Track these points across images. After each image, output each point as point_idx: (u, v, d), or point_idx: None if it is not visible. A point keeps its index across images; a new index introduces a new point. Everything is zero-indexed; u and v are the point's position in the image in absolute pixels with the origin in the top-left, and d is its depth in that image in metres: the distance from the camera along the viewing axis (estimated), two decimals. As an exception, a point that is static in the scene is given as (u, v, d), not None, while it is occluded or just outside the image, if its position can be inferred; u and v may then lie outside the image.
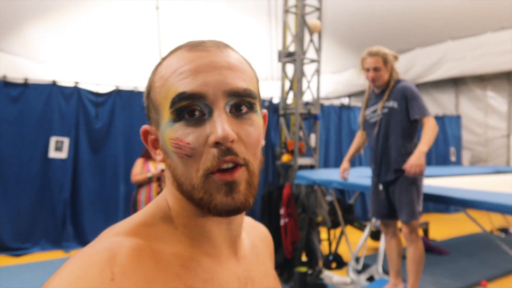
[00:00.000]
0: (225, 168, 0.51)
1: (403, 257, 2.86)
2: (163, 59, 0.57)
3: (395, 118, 2.59)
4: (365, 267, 3.98)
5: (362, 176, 3.63)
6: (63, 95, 4.93)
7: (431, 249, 4.58)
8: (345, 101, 9.57)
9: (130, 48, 6.78)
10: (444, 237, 5.36)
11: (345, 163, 3.02)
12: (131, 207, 4.45)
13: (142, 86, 5.49)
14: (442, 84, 7.94)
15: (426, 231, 5.24)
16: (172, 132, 0.52)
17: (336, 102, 7.13)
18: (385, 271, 3.60)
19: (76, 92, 4.99)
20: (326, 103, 6.75)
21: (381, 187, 2.69)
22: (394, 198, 2.61)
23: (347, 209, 4.81)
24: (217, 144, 0.50)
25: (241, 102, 0.53)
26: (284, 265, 3.90)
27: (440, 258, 4.35)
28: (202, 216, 0.55)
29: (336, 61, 9.01)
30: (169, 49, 0.59)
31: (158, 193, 4.45)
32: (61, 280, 0.43)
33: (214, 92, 0.51)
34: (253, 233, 0.70)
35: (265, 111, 0.62)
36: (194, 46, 0.55)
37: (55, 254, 4.66)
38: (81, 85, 5.06)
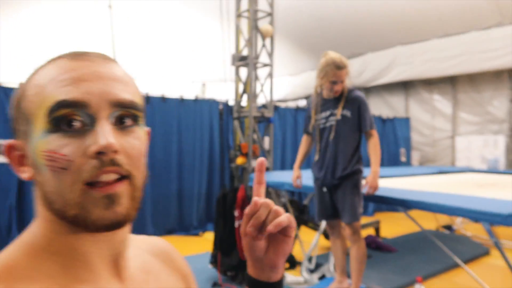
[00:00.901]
0: (105, 181, 0.48)
1: (348, 256, 2.97)
2: (39, 68, 0.52)
3: (347, 126, 2.68)
4: (318, 266, 4.09)
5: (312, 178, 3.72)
6: (6, 96, 4.70)
7: (381, 247, 4.77)
8: (303, 102, 9.75)
9: (82, 47, 6.56)
10: (394, 235, 5.59)
11: (296, 171, 3.05)
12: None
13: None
14: (392, 87, 8.28)
15: (377, 230, 5.44)
16: (45, 143, 0.47)
17: (292, 105, 7.25)
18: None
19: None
20: (282, 105, 6.85)
21: (325, 189, 2.78)
22: (337, 201, 2.71)
23: (302, 209, 4.91)
24: (99, 154, 0.47)
25: (126, 114, 0.51)
26: (238, 267, 3.92)
27: (389, 255, 4.53)
28: (77, 238, 0.51)
29: (293, 63, 9.17)
30: (122, 48, 0.54)
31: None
32: None
33: (98, 102, 0.48)
34: (145, 250, 0.66)
35: (148, 128, 0.59)
36: (77, 55, 0.52)
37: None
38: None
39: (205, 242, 5.17)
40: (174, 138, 5.92)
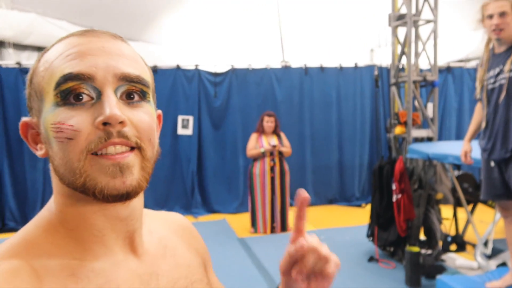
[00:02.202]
0: (113, 153, 0.47)
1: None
2: (50, 46, 0.53)
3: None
4: (497, 251, 3.51)
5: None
6: (186, 78, 5.41)
7: None
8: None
9: (245, 28, 7.00)
10: None
11: (466, 145, 2.63)
12: (248, 180, 4.73)
13: (255, 64, 5.67)
14: None
15: None
16: (54, 116, 0.48)
17: (472, 64, 6.24)
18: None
19: (197, 74, 5.44)
20: (457, 65, 5.96)
21: (492, 164, 2.31)
22: (510, 178, 2.22)
23: (479, 185, 4.25)
24: (105, 125, 0.46)
25: (133, 89, 0.50)
26: (397, 243, 3.69)
27: None
28: (93, 213, 0.51)
29: (477, 15, 7.80)
30: (289, 28, 0.51)
31: (271, 167, 4.61)
32: None
33: (104, 75, 0.48)
34: (162, 226, 0.65)
35: (159, 111, 0.58)
36: (85, 32, 0.52)
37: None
38: (201, 67, 5.48)
39: (367, 213, 5.00)
40: (333, 108, 5.85)
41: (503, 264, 3.28)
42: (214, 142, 5.58)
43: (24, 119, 0.53)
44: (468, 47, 8.62)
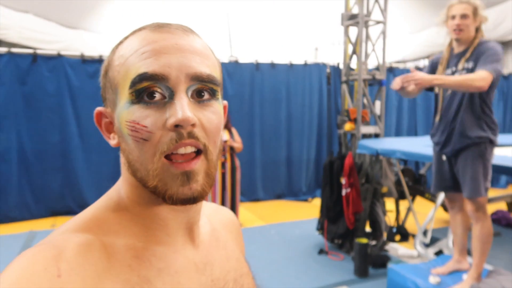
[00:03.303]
0: (182, 153, 0.49)
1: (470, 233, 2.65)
2: (124, 38, 0.55)
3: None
4: (434, 240, 3.77)
5: (430, 145, 3.38)
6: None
7: (513, 224, 4.19)
8: (424, 63, 8.85)
9: (193, 21, 6.88)
10: (531, 212, 4.85)
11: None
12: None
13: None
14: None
15: (510, 205, 4.79)
16: (129, 114, 0.50)
17: (411, 66, 6.63)
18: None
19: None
20: (400, 66, 6.31)
21: (444, 157, 2.48)
22: (458, 172, 2.39)
23: (418, 179, 4.54)
24: (176, 127, 0.48)
25: (204, 88, 0.52)
26: (346, 236, 3.83)
27: (523, 234, 3.96)
28: (158, 204, 0.54)
29: (414, 19, 8.31)
30: (237, 22, 0.54)
31: (222, 162, 4.58)
32: (4, 279, 0.41)
33: (177, 75, 0.50)
34: (215, 218, 0.69)
35: (225, 102, 0.60)
36: (158, 27, 0.53)
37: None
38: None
39: (314, 208, 5.15)
40: (283, 104, 5.93)
41: (440, 252, 3.54)
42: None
43: (98, 108, 0.56)
44: (406, 50, 9.18)
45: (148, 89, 0.49)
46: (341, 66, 4.85)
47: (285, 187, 6.11)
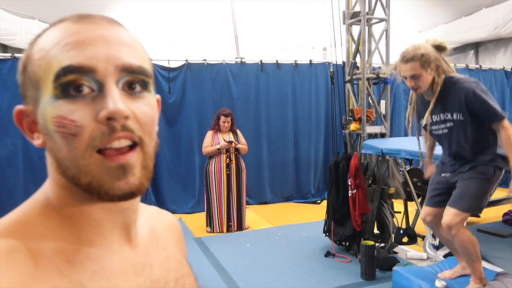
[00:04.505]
0: (117, 147, 0.47)
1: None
2: (43, 31, 0.51)
3: (463, 130, 2.25)
4: (444, 243, 3.68)
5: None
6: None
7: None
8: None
9: (200, 22, 6.87)
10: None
11: (429, 167, 2.71)
12: (204, 178, 4.63)
13: (210, 59, 5.56)
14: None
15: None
16: (54, 109, 0.46)
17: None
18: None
19: (150, 69, 5.26)
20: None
21: (445, 175, 2.43)
22: (456, 186, 2.33)
23: (427, 180, 4.44)
24: (109, 120, 0.46)
25: (135, 79, 0.49)
26: (353, 238, 3.76)
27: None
28: (91, 203, 0.51)
29: (423, 17, 8.19)
30: (243, 23, 0.51)
31: (227, 164, 4.55)
32: None
33: (105, 67, 0.47)
34: (155, 221, 0.66)
35: (158, 96, 0.56)
36: (81, 18, 0.49)
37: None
38: (154, 62, 5.29)
39: (323, 210, 5.08)
40: (289, 105, 5.88)
41: (450, 254, 3.44)
42: (169, 139, 5.42)
43: (18, 107, 0.52)
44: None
45: (74, 82, 0.46)
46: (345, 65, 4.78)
47: (294, 189, 6.05)
